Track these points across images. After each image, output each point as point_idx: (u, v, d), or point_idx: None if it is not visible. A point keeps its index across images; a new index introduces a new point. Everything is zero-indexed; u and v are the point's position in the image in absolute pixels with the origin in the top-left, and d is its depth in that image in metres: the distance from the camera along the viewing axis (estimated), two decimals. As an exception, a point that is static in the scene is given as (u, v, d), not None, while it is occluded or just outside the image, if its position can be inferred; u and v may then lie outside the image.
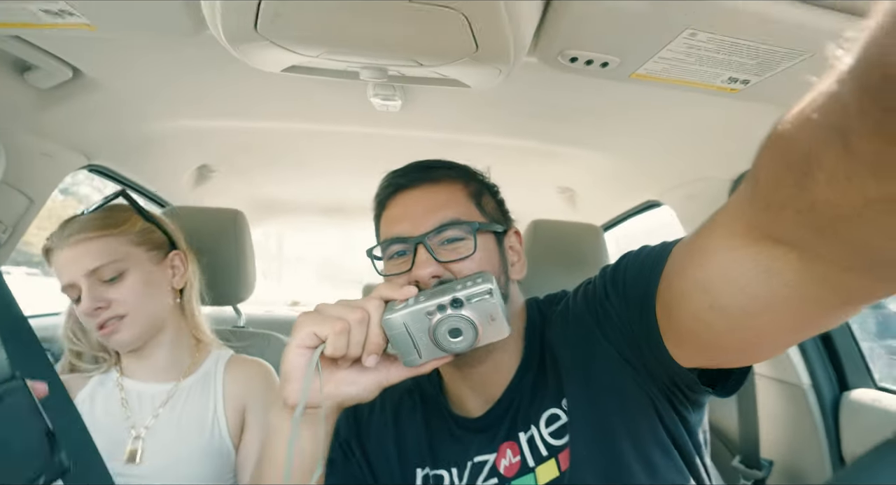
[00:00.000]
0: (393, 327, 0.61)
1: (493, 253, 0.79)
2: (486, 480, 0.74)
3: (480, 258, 0.76)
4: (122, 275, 0.98)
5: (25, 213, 1.31)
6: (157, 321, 1.03)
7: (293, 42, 0.80)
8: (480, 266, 0.75)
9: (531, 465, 0.72)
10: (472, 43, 0.77)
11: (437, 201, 0.79)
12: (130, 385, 1.02)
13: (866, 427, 1.26)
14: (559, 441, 0.71)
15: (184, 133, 1.50)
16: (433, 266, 0.74)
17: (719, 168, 1.40)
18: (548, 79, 1.06)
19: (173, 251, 1.09)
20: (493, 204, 0.85)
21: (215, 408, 1.03)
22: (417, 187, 0.81)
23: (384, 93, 1.17)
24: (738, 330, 0.48)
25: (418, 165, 0.85)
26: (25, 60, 1.02)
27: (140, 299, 0.99)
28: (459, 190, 0.81)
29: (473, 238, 0.75)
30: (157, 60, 1.06)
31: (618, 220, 2.09)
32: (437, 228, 0.76)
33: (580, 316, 0.74)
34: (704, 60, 0.82)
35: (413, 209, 0.79)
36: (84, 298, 0.94)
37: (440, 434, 0.81)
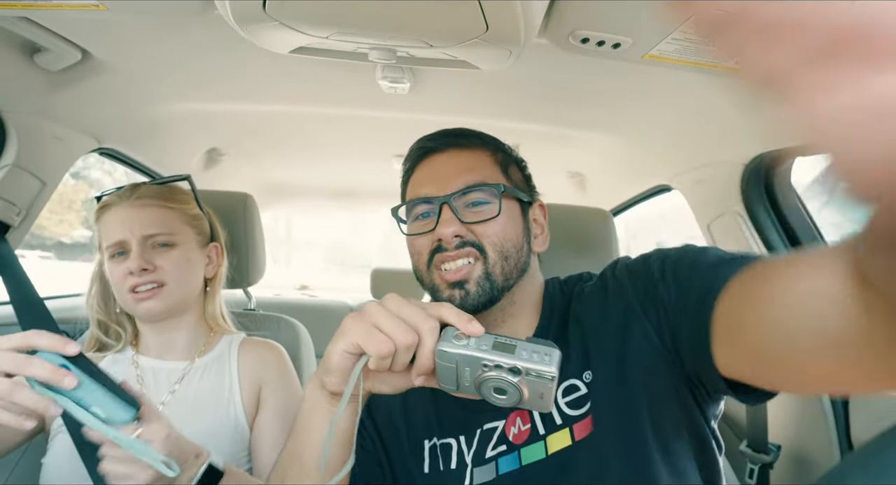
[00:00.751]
0: (445, 360, 0.58)
1: (517, 221, 0.80)
2: (496, 447, 0.74)
3: (504, 223, 0.77)
4: (171, 246, 1.02)
5: (38, 196, 1.32)
6: (187, 300, 1.07)
7: (302, 22, 0.79)
8: (504, 230, 0.76)
9: (542, 433, 0.72)
10: (482, 23, 0.76)
11: (464, 165, 0.80)
12: (145, 362, 1.04)
13: (876, 413, 1.25)
14: (576, 411, 0.71)
15: (193, 116, 1.50)
16: (456, 225, 0.75)
17: (731, 152, 1.38)
18: (559, 60, 1.05)
19: (213, 242, 1.14)
20: (519, 175, 0.85)
21: (230, 387, 1.05)
22: (446, 151, 0.82)
23: (393, 75, 1.16)
24: (805, 365, 0.48)
25: (448, 131, 0.85)
26: (35, 42, 1.02)
27: (181, 274, 1.03)
28: (487, 156, 0.82)
29: (499, 201, 0.76)
30: (166, 42, 1.06)
31: (627, 204, 2.07)
32: (463, 190, 0.77)
33: (622, 290, 0.73)
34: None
35: (440, 171, 0.80)
36: (134, 257, 0.97)
37: (448, 404, 0.81)
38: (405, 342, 0.56)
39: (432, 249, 0.77)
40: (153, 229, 1.01)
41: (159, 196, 1.05)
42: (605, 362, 0.71)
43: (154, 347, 1.06)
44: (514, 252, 0.77)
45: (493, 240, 0.76)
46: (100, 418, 0.65)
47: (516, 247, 0.77)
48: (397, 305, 0.58)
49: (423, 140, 0.85)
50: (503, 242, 0.76)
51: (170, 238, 1.02)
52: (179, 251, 1.03)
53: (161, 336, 1.06)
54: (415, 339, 0.56)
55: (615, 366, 0.70)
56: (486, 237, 0.76)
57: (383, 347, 0.56)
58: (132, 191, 1.04)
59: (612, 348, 0.71)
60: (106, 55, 1.11)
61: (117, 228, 1.00)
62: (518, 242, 0.78)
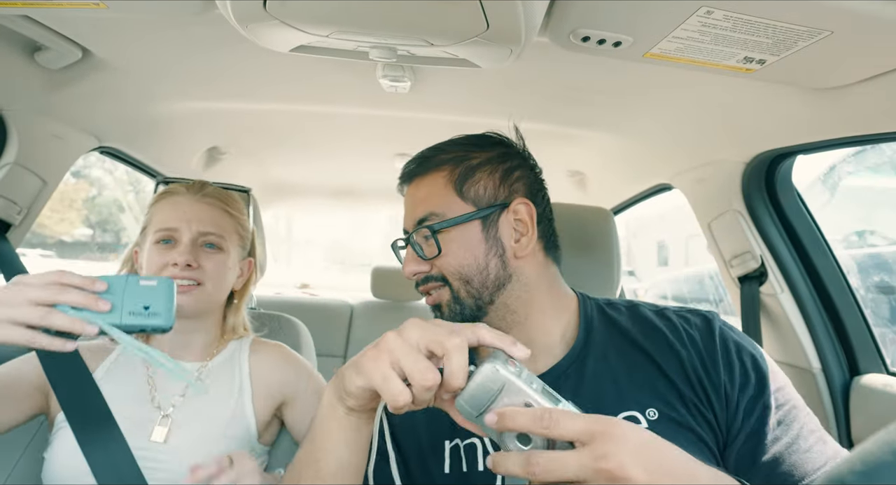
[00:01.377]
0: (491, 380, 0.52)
1: (472, 241, 0.78)
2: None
3: (455, 251, 0.77)
4: (218, 249, 1.03)
5: (39, 194, 1.32)
6: (215, 304, 1.07)
7: (302, 21, 0.79)
8: (456, 259, 0.77)
9: None
10: (483, 21, 0.76)
11: (417, 197, 0.82)
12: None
13: (877, 413, 1.25)
14: None
15: (193, 114, 1.50)
16: (413, 265, 0.80)
17: (732, 151, 1.38)
18: (559, 59, 1.05)
19: (249, 257, 1.15)
20: (488, 181, 0.80)
21: (240, 389, 1.04)
22: (411, 182, 0.85)
23: (393, 74, 1.16)
24: None
25: (418, 155, 0.86)
26: (35, 41, 1.02)
27: (219, 277, 1.03)
28: (442, 178, 0.80)
29: (435, 240, 0.77)
30: (166, 41, 1.06)
31: (628, 203, 2.07)
32: (415, 227, 0.80)
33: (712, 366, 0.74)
34: (720, 39, 0.80)
35: (406, 204, 0.84)
36: (183, 251, 0.98)
37: None
38: (425, 384, 0.53)
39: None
40: (209, 228, 1.02)
41: (223, 199, 1.08)
42: (674, 409, 0.72)
43: (167, 343, 1.05)
44: (475, 274, 0.77)
45: (450, 270, 0.78)
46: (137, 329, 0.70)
47: (477, 268, 0.77)
48: (419, 334, 0.55)
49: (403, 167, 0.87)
50: (459, 269, 0.77)
51: (220, 241, 1.03)
52: (224, 256, 1.04)
53: (178, 335, 1.04)
54: (436, 380, 0.53)
55: (681, 416, 0.72)
56: (444, 268, 0.78)
57: (400, 400, 0.53)
58: (200, 186, 1.07)
59: (682, 402, 0.72)
60: (106, 54, 1.11)
61: (174, 216, 1.01)
62: (479, 263, 0.77)
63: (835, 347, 1.37)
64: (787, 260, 1.42)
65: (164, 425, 0.95)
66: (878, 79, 0.89)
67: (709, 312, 0.81)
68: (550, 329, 0.81)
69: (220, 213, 1.05)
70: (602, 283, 1.42)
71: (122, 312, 0.69)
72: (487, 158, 0.82)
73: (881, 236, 2.97)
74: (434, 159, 0.83)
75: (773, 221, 1.44)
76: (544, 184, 0.88)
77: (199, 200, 1.04)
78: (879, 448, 0.30)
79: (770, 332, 1.47)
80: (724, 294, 2.65)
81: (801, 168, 1.43)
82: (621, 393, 0.74)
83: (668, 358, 0.75)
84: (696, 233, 1.66)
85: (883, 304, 2.01)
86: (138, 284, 0.70)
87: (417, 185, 0.83)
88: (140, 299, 0.70)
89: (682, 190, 1.66)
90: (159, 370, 1.02)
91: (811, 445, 0.69)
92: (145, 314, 0.69)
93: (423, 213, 0.79)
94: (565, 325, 0.82)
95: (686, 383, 0.73)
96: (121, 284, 0.70)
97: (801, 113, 1.10)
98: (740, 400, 0.71)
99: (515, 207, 0.80)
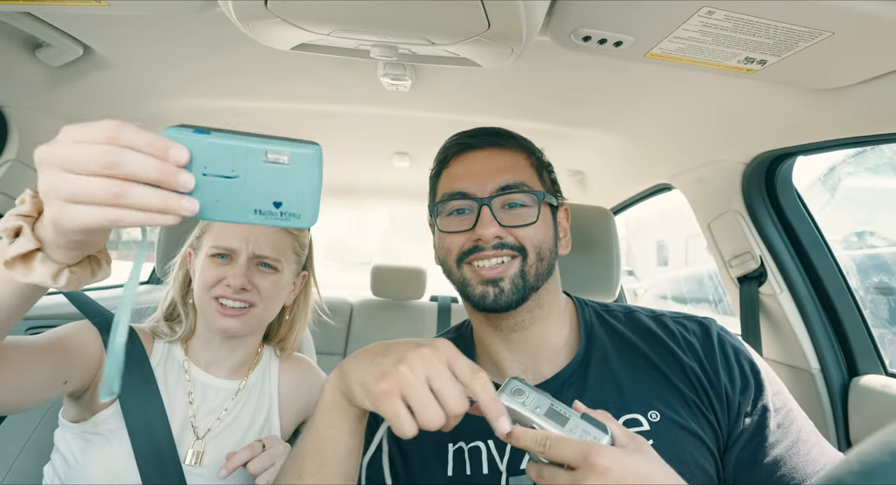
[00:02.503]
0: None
1: (549, 225, 0.81)
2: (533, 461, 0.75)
3: (541, 226, 0.79)
4: (274, 270, 0.99)
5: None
6: (262, 325, 1.04)
7: (304, 19, 0.79)
8: (539, 235, 0.78)
9: None
10: (484, 21, 0.76)
11: (503, 164, 0.81)
12: (197, 375, 1.01)
13: (875, 413, 1.25)
14: None
15: (193, 112, 1.50)
16: (495, 228, 0.76)
17: (732, 151, 1.38)
18: (560, 59, 1.05)
19: (304, 272, 1.10)
20: (549, 180, 0.87)
21: (270, 406, 1.03)
22: (484, 149, 0.83)
23: (394, 72, 1.16)
24: None
25: (486, 129, 0.86)
26: (37, 38, 1.02)
27: (272, 299, 1.00)
28: (524, 158, 0.83)
29: (538, 207, 0.78)
30: (167, 39, 1.06)
31: (628, 203, 2.07)
32: (503, 189, 0.78)
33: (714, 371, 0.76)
34: (721, 40, 0.80)
35: (478, 168, 0.81)
36: (238, 273, 0.94)
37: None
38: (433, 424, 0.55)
39: (467, 248, 0.78)
40: (266, 251, 0.97)
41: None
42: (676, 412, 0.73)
43: (203, 356, 1.02)
44: (548, 254, 0.79)
45: (534, 242, 0.78)
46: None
47: (550, 249, 0.80)
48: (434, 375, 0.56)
49: (460, 135, 0.85)
50: (541, 244, 0.78)
51: (276, 263, 0.99)
52: (278, 276, 1.00)
53: (218, 350, 1.02)
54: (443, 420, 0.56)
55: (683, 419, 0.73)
56: (527, 239, 0.77)
57: (408, 432, 0.56)
58: None
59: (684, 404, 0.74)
60: (108, 51, 1.11)
61: (231, 234, 0.96)
62: (551, 245, 0.80)
63: (833, 347, 1.37)
64: (787, 261, 1.42)
65: (198, 448, 0.94)
66: (879, 80, 0.89)
67: (705, 319, 0.83)
68: (558, 332, 0.83)
69: (279, 234, 0.99)
70: (601, 282, 1.43)
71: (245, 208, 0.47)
72: (544, 163, 0.88)
73: (880, 237, 2.97)
74: (509, 138, 0.84)
75: (772, 221, 1.44)
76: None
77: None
78: (877, 449, 0.30)
79: (769, 332, 1.48)
80: (723, 294, 2.64)
81: (801, 169, 1.43)
82: (624, 397, 0.75)
83: (669, 362, 0.77)
84: (695, 233, 1.66)
85: (882, 305, 2.02)
86: (260, 160, 0.48)
87: (498, 154, 0.82)
88: (267, 187, 0.48)
89: (681, 190, 1.66)
90: (198, 383, 1.00)
91: (810, 448, 0.71)
92: (276, 214, 0.49)
93: (514, 180, 0.79)
94: (568, 330, 0.84)
95: (688, 386, 0.74)
96: (231, 153, 0.47)
97: (801, 114, 1.10)
98: (742, 403, 0.73)
99: (562, 211, 0.87)
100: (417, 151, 1.92)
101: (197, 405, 0.97)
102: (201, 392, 0.99)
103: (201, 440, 0.94)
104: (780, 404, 0.74)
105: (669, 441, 0.71)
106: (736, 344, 0.79)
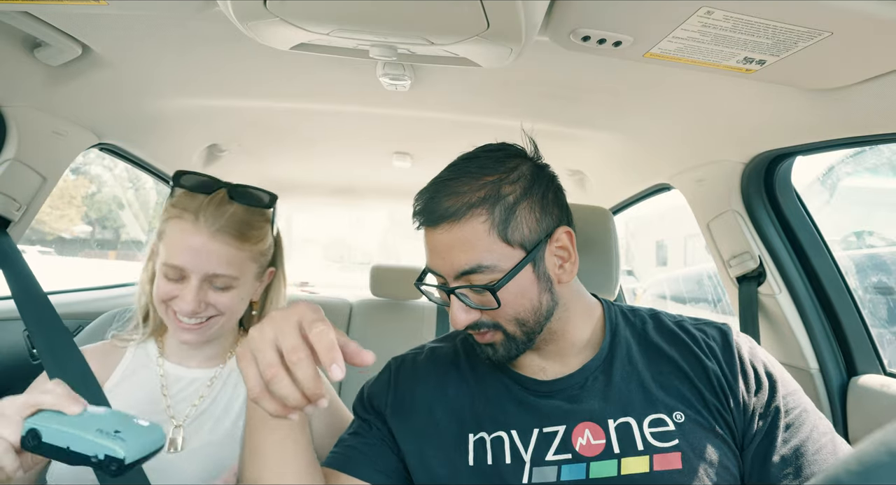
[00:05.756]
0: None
1: (526, 283, 0.75)
2: (558, 453, 0.75)
3: (510, 300, 0.74)
4: (229, 288, 0.94)
5: (38, 191, 1.32)
6: (226, 330, 1.01)
7: (303, 19, 0.79)
8: (513, 307, 0.75)
9: (616, 451, 0.73)
10: (483, 20, 0.76)
11: (456, 246, 0.74)
12: (171, 370, 1.00)
13: (874, 413, 1.25)
14: (661, 444, 0.73)
15: (193, 112, 1.50)
16: (464, 315, 0.75)
17: (732, 151, 1.39)
18: (559, 58, 1.05)
19: (270, 268, 1.05)
20: (529, 218, 0.76)
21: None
22: (439, 226, 0.76)
23: (393, 72, 1.16)
24: None
25: (442, 189, 0.76)
26: (35, 37, 1.02)
27: (234, 308, 0.96)
28: (482, 225, 0.74)
29: (494, 296, 0.73)
30: (166, 38, 1.06)
31: (627, 203, 2.07)
32: (463, 273, 0.74)
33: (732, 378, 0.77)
34: (720, 40, 0.80)
35: (441, 249, 0.76)
36: (189, 299, 0.90)
37: (500, 398, 0.82)
38: (276, 385, 0.57)
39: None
40: (220, 270, 0.91)
41: (239, 236, 0.93)
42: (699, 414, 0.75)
43: (179, 353, 1.01)
44: (531, 315, 0.76)
45: (507, 317, 0.75)
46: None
47: (532, 309, 0.76)
48: (280, 335, 0.59)
49: (415, 208, 0.80)
50: (516, 316, 0.75)
51: (233, 281, 0.94)
52: (238, 290, 0.95)
53: (191, 349, 1.01)
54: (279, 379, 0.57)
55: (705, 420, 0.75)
56: (499, 317, 0.75)
57: (254, 391, 0.58)
58: (214, 217, 0.91)
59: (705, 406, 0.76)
60: (106, 50, 1.11)
61: (182, 252, 0.90)
62: (533, 304, 0.76)
63: (832, 347, 1.37)
64: (786, 260, 1.42)
65: (177, 435, 0.93)
66: (878, 80, 0.90)
67: (723, 325, 0.84)
68: (580, 335, 0.83)
69: (234, 252, 0.92)
70: (601, 282, 1.43)
71: (89, 428, 0.61)
72: (522, 190, 0.76)
73: (879, 237, 2.98)
74: (462, 201, 0.74)
75: (771, 221, 1.44)
76: (564, 192, 0.85)
77: (213, 237, 0.90)
78: (876, 449, 0.30)
79: (768, 332, 1.48)
80: (722, 294, 2.63)
81: (801, 169, 1.43)
82: (649, 396, 0.77)
83: (694, 366, 0.78)
84: (694, 233, 1.66)
85: (881, 305, 2.02)
86: (132, 420, 0.64)
87: (451, 231, 0.74)
88: (119, 425, 0.62)
89: (681, 190, 1.66)
90: (172, 376, 0.99)
91: (819, 447, 0.71)
92: (111, 436, 0.60)
93: (468, 265, 0.73)
94: (592, 330, 0.84)
95: (710, 390, 0.76)
96: (113, 414, 0.65)
97: (800, 114, 1.10)
98: (756, 405, 0.74)
99: (558, 236, 0.78)
100: (417, 151, 1.92)
101: (171, 396, 0.97)
102: (175, 383, 0.99)
103: (180, 427, 0.94)
104: (794, 405, 0.75)
105: (695, 442, 0.72)
106: (752, 348, 0.81)
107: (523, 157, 0.82)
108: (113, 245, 8.28)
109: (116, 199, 6.18)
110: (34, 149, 1.25)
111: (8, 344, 1.55)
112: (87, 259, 8.00)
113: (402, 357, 0.94)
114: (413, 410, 0.85)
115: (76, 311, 1.74)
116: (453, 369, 0.88)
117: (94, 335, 1.15)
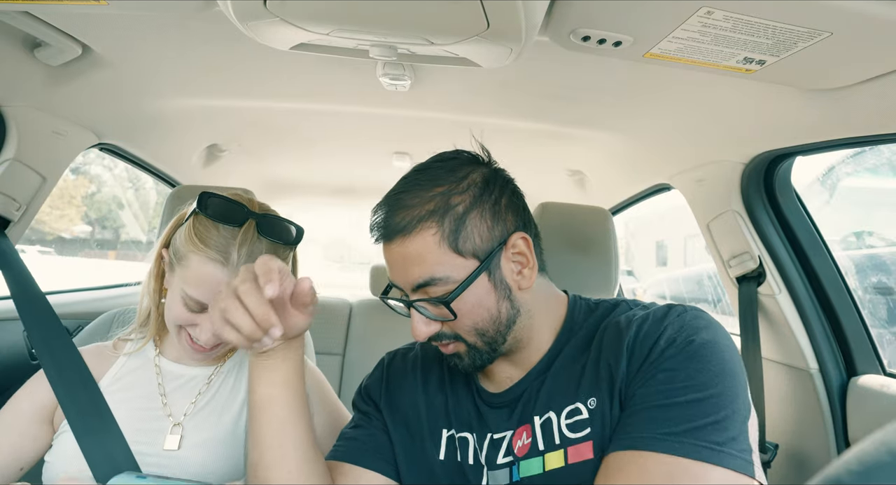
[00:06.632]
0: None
1: (481, 292, 0.75)
2: (505, 456, 0.76)
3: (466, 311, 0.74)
4: None
5: (38, 191, 1.32)
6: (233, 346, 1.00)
7: (303, 19, 0.79)
8: (469, 318, 0.75)
9: (541, 449, 0.73)
10: (483, 20, 0.76)
11: (408, 260, 0.75)
12: (168, 368, 1.00)
13: (874, 413, 1.25)
14: (573, 434, 0.72)
15: (193, 112, 1.50)
16: (424, 328, 0.76)
17: (732, 151, 1.39)
18: (559, 59, 1.05)
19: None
20: (481, 226, 0.75)
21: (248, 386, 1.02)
22: (393, 241, 0.76)
23: (393, 72, 1.16)
24: None
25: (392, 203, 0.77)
26: (35, 37, 1.02)
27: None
28: (432, 237, 0.73)
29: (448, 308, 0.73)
30: (166, 38, 1.06)
31: (627, 203, 2.07)
32: (418, 287, 0.75)
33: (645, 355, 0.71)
34: (720, 40, 0.80)
35: (397, 262, 0.77)
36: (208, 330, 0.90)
37: (464, 399, 0.84)
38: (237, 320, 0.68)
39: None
40: None
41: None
42: (610, 395, 0.71)
43: (175, 350, 1.02)
44: (490, 324, 0.76)
45: (465, 329, 0.75)
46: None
47: (491, 319, 0.75)
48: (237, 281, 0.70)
49: (371, 223, 0.80)
50: (475, 327, 0.75)
51: None
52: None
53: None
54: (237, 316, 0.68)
55: (616, 404, 0.71)
56: (458, 328, 0.75)
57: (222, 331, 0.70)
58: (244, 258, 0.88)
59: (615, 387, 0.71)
60: (106, 50, 1.11)
61: (208, 290, 0.87)
62: (492, 313, 0.75)
63: (832, 347, 1.38)
64: (786, 261, 1.42)
65: (176, 434, 0.93)
66: (878, 80, 0.90)
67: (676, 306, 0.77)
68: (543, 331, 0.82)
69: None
70: (600, 282, 1.43)
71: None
72: (472, 199, 0.75)
73: (879, 237, 2.98)
74: (412, 214, 0.74)
75: (771, 221, 1.44)
76: (523, 196, 0.83)
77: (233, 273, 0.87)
78: (876, 448, 0.30)
79: (768, 332, 1.48)
80: (721, 294, 2.64)
81: (801, 169, 1.43)
82: (573, 387, 0.74)
83: (618, 355, 0.72)
84: (694, 233, 1.66)
85: (880, 305, 2.02)
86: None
87: (403, 245, 0.74)
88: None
89: (681, 190, 1.66)
90: (169, 375, 1.00)
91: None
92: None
93: (421, 278, 0.73)
94: (553, 327, 0.83)
95: (621, 378, 0.71)
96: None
97: (800, 114, 1.10)
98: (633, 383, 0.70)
99: (513, 242, 0.77)
100: (417, 151, 1.92)
101: (168, 395, 0.97)
102: (173, 381, 0.99)
103: (179, 425, 0.94)
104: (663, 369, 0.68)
105: (606, 429, 0.70)
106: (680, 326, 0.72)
107: (477, 163, 0.80)
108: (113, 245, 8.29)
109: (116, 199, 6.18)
110: (34, 149, 1.25)
111: (7, 344, 1.55)
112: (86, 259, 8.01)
113: (394, 352, 0.97)
114: (401, 402, 0.87)
115: (76, 311, 1.74)
116: (437, 366, 0.90)
117: (94, 335, 1.15)
